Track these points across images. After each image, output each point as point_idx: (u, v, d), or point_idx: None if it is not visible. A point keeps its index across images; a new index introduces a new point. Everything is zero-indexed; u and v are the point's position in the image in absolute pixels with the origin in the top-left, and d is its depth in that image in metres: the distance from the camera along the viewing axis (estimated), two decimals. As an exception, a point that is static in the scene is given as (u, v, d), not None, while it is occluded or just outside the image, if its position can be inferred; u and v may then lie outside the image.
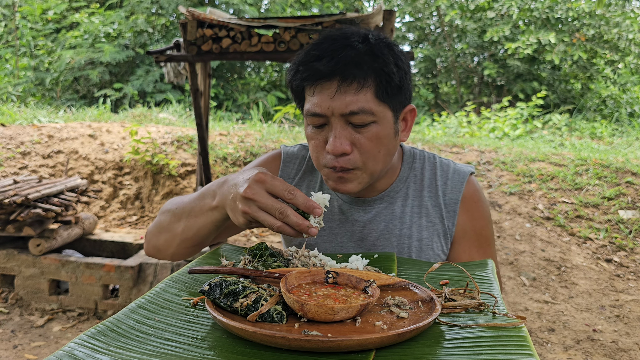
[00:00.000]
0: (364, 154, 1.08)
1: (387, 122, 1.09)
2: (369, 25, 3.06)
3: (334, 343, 0.62)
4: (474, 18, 12.24)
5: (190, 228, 1.09)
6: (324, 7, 12.45)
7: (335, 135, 1.06)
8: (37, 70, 10.97)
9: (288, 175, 1.33)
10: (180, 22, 3.19)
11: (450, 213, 1.24)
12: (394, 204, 1.25)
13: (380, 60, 1.05)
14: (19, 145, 5.91)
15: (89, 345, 0.64)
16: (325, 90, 1.05)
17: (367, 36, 1.08)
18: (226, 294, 0.73)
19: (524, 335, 0.66)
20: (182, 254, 1.16)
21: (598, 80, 11.66)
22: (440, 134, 8.69)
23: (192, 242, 1.12)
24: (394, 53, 1.08)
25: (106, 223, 5.43)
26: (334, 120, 1.06)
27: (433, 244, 1.23)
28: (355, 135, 1.07)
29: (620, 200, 5.37)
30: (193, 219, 1.08)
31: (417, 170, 1.29)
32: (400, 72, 1.08)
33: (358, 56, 1.04)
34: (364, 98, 1.04)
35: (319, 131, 1.10)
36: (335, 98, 1.04)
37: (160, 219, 1.18)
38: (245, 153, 6.17)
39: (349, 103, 1.03)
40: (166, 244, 1.16)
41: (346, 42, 1.05)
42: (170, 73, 4.30)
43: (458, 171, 1.28)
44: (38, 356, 3.35)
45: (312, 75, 1.05)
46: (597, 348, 3.56)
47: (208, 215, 1.05)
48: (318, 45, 1.07)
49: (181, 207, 1.13)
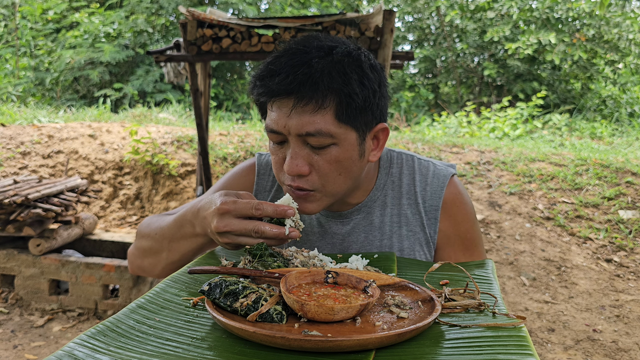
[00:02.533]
0: (323, 176, 1.02)
1: (348, 144, 1.01)
2: (368, 25, 3.06)
3: (334, 343, 0.62)
4: (474, 18, 12.25)
5: (175, 252, 1.11)
6: (323, 6, 12.44)
7: (292, 155, 1.00)
8: (37, 70, 10.97)
9: (264, 188, 1.28)
10: (180, 22, 3.19)
11: (432, 220, 1.20)
12: (372, 214, 1.20)
13: (340, 80, 0.96)
14: (19, 145, 5.91)
15: (89, 345, 0.64)
16: (283, 107, 0.99)
17: (331, 51, 0.99)
18: (226, 294, 0.73)
19: (524, 335, 0.66)
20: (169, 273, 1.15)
21: (598, 80, 11.66)
22: (440, 134, 8.69)
23: (179, 263, 1.14)
24: (360, 70, 0.99)
25: (106, 223, 5.43)
26: (291, 139, 1.00)
27: (415, 253, 1.19)
28: (314, 157, 1.01)
29: (620, 200, 5.37)
30: (176, 243, 1.10)
31: (395, 177, 1.23)
32: (365, 91, 0.99)
33: (315, 74, 0.95)
34: (321, 119, 0.97)
35: (279, 147, 1.05)
36: (291, 117, 0.98)
37: (142, 243, 1.19)
38: (245, 153, 6.17)
39: (305, 124, 0.97)
40: (151, 267, 1.18)
41: (305, 57, 0.97)
42: (170, 73, 4.30)
43: (438, 175, 1.22)
44: (38, 356, 3.35)
45: (268, 92, 0.99)
46: (597, 348, 3.56)
47: (192, 241, 1.07)
48: (276, 60, 1.00)
49: (160, 234, 1.13)
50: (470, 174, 5.86)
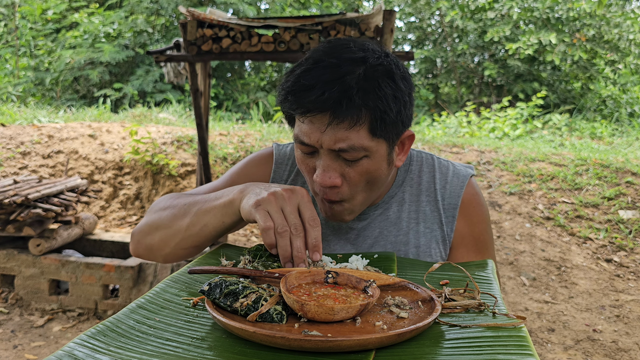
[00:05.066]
0: (353, 186, 1.04)
1: (380, 155, 1.03)
2: (368, 25, 3.06)
3: (334, 343, 0.62)
4: (474, 18, 12.25)
5: (195, 224, 1.03)
6: (323, 6, 12.44)
7: (324, 168, 1.00)
8: (37, 70, 10.97)
9: (280, 178, 1.28)
10: (180, 22, 3.19)
11: (449, 218, 1.20)
12: (390, 210, 1.21)
13: (374, 96, 0.95)
14: (19, 145, 5.91)
15: (89, 345, 0.64)
16: (316, 122, 0.97)
17: (363, 63, 0.97)
18: (226, 294, 0.73)
19: (524, 335, 0.66)
20: (178, 254, 1.10)
21: (598, 81, 11.66)
22: (440, 134, 8.69)
23: (195, 240, 1.05)
24: (393, 83, 0.98)
25: (106, 223, 5.43)
26: (323, 152, 1.00)
27: (431, 251, 1.19)
28: (345, 169, 1.01)
29: (620, 200, 5.37)
30: (202, 215, 1.03)
31: (414, 174, 1.24)
32: (398, 104, 0.99)
33: (351, 92, 0.94)
34: (356, 135, 0.97)
35: (309, 157, 1.05)
36: (325, 132, 0.97)
37: (159, 215, 1.11)
38: (245, 153, 6.17)
39: (339, 140, 0.97)
40: (162, 243, 1.09)
41: (338, 72, 0.95)
42: (170, 73, 4.30)
43: (457, 174, 1.23)
44: (38, 356, 3.35)
45: (301, 107, 0.97)
46: (597, 348, 3.56)
47: (220, 211, 1.00)
48: (308, 73, 0.97)
49: (188, 203, 1.07)
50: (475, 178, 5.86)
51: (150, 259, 1.15)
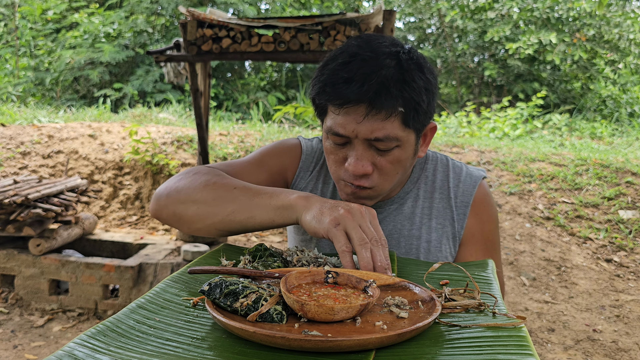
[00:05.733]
0: (383, 175, 1.09)
1: (409, 145, 1.08)
2: (368, 25, 3.06)
3: (334, 343, 0.62)
4: (474, 18, 12.25)
5: (242, 212, 1.00)
6: (324, 6, 12.45)
7: (358, 156, 1.05)
8: (37, 70, 10.97)
9: (307, 169, 1.30)
10: (180, 22, 3.19)
11: (460, 216, 1.25)
12: (404, 205, 1.25)
13: (410, 88, 1.01)
14: (19, 145, 5.91)
15: (89, 345, 0.64)
16: (352, 113, 1.02)
17: (397, 55, 1.03)
18: (226, 294, 0.73)
19: (524, 335, 0.66)
20: (209, 231, 1.05)
21: (598, 80, 11.66)
22: (441, 134, 8.69)
23: (235, 226, 1.02)
24: (424, 75, 1.04)
25: (106, 223, 5.43)
26: (356, 142, 1.05)
27: (442, 246, 1.23)
28: (377, 158, 1.06)
29: (620, 200, 5.37)
30: (253, 206, 1.00)
31: (429, 172, 1.29)
32: (429, 96, 1.05)
33: (389, 83, 0.99)
34: (390, 126, 1.02)
35: (340, 148, 1.09)
36: (362, 123, 1.01)
37: (200, 189, 1.05)
38: (245, 153, 6.17)
39: (375, 129, 1.02)
40: (196, 217, 1.04)
41: (377, 65, 1.00)
42: (170, 73, 4.30)
43: (470, 174, 1.28)
44: (38, 356, 3.35)
45: (340, 98, 1.01)
46: (597, 348, 3.56)
47: (275, 210, 0.98)
48: (346, 65, 1.01)
49: (238, 187, 1.03)
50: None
51: (172, 226, 1.11)
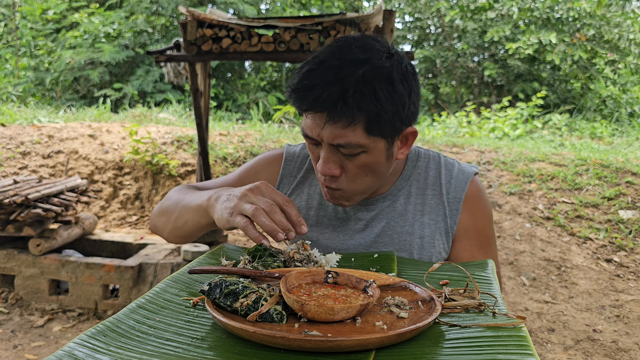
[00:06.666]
0: (351, 178, 1.11)
1: (377, 151, 1.08)
2: (368, 25, 3.06)
3: (334, 343, 0.62)
4: (474, 18, 12.24)
5: (180, 219, 1.20)
6: (324, 6, 12.44)
7: (325, 159, 1.08)
8: (37, 70, 10.97)
9: (290, 173, 1.35)
10: (180, 22, 3.19)
11: (453, 211, 1.25)
12: (397, 202, 1.26)
13: (369, 98, 1.00)
14: (19, 145, 5.92)
15: (89, 345, 0.64)
16: (316, 118, 1.05)
17: (365, 64, 1.02)
18: (226, 294, 0.73)
19: (524, 335, 0.66)
20: (174, 239, 1.28)
21: (598, 80, 11.66)
22: (440, 134, 8.69)
23: (180, 232, 1.22)
24: (390, 86, 1.02)
25: (106, 223, 5.43)
26: (324, 145, 1.08)
27: (435, 242, 1.23)
28: (344, 161, 1.09)
29: (620, 200, 5.37)
30: (185, 212, 1.17)
31: (421, 169, 1.30)
32: (395, 106, 1.03)
33: (346, 94, 0.99)
34: (352, 133, 1.03)
35: (315, 147, 1.13)
36: (324, 129, 1.04)
37: (166, 202, 1.28)
38: (245, 153, 6.17)
39: (336, 136, 1.04)
40: (162, 227, 1.28)
41: (339, 74, 1.00)
42: (170, 73, 4.30)
43: (462, 170, 1.29)
44: (38, 356, 3.35)
45: (302, 105, 1.05)
46: (597, 348, 3.56)
47: (195, 212, 1.14)
48: (311, 73, 1.03)
49: (181, 198, 1.22)
50: (470, 174, 5.86)
51: (158, 235, 1.33)
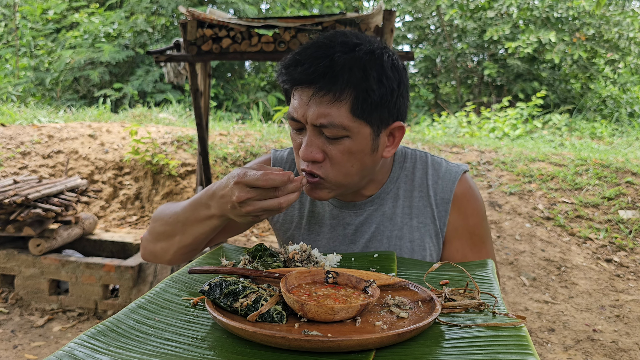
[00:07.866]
0: (335, 165, 1.07)
1: (362, 138, 1.06)
2: (369, 25, 3.06)
3: (334, 343, 0.62)
4: (474, 18, 12.24)
5: (188, 235, 1.13)
6: (324, 7, 12.44)
7: (308, 142, 1.06)
8: (37, 70, 10.97)
9: None
10: (180, 22, 3.19)
11: (442, 213, 1.22)
12: (385, 206, 1.24)
13: (359, 75, 1.01)
14: (19, 145, 5.91)
15: (89, 345, 0.64)
16: (303, 96, 1.04)
17: (355, 46, 1.04)
18: (226, 294, 0.73)
19: (524, 335, 0.66)
20: (179, 259, 1.21)
21: (598, 80, 11.66)
22: (440, 134, 8.69)
23: (190, 247, 1.16)
24: (380, 68, 1.03)
25: (106, 223, 5.43)
26: (308, 127, 1.06)
27: (425, 245, 1.21)
28: (328, 146, 1.06)
29: (620, 200, 5.37)
30: (190, 227, 1.12)
31: (408, 170, 1.27)
32: (383, 88, 1.03)
33: (336, 68, 1.00)
34: (336, 113, 1.02)
35: (298, 134, 1.10)
36: (309, 106, 1.03)
37: (154, 227, 1.21)
38: (245, 153, 6.17)
39: (320, 115, 1.02)
40: (163, 251, 1.20)
41: (329, 51, 1.02)
42: (170, 73, 4.30)
43: (450, 170, 1.26)
44: (38, 356, 3.35)
45: (290, 80, 1.04)
46: (597, 348, 3.56)
47: (205, 223, 1.09)
48: (302, 50, 1.05)
49: (174, 218, 1.16)
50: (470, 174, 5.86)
51: (157, 263, 1.26)
